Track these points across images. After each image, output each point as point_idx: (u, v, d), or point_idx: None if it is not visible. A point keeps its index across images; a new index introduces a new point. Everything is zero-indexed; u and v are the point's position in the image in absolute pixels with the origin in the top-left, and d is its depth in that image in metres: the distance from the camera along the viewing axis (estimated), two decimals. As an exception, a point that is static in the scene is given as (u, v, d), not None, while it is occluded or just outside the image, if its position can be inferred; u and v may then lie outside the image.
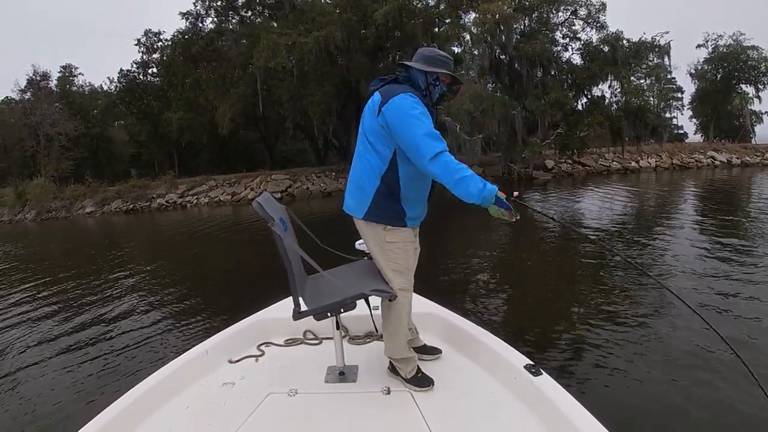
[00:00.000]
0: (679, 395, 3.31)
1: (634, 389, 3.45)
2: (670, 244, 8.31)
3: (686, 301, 2.16)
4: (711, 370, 3.62)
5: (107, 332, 5.71)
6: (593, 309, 5.18)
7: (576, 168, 26.75)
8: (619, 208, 14.01)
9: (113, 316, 6.35)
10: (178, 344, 5.00)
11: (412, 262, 2.28)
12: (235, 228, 15.58)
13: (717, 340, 3.95)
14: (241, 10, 28.86)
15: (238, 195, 24.68)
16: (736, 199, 15.48)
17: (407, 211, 2.18)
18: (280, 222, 2.17)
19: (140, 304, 6.85)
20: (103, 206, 26.03)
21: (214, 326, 2.92)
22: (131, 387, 2.18)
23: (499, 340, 2.41)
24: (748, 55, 38.77)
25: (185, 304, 6.74)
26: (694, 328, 4.33)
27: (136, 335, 5.48)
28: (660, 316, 4.82)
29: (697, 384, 3.45)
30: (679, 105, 45.38)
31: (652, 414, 3.11)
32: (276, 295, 3.02)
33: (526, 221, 12.17)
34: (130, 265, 10.16)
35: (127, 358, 4.83)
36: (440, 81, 2.17)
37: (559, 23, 25.71)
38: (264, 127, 33.72)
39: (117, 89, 37.35)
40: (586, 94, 25.29)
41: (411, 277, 2.27)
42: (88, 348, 5.24)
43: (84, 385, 4.28)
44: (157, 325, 5.80)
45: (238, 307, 3.70)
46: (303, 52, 22.76)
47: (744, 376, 3.37)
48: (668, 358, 3.91)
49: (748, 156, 32.14)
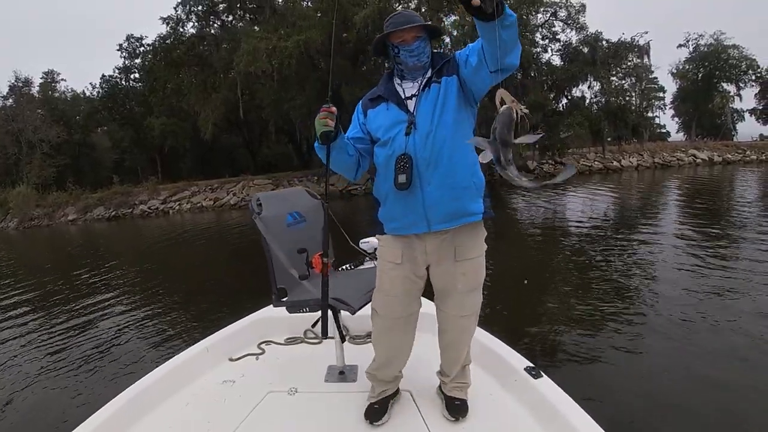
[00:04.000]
0: (680, 398, 3.29)
1: (634, 392, 3.43)
2: (651, 239, 8.46)
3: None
4: (712, 371, 3.61)
5: (108, 333, 5.66)
6: (593, 311, 5.12)
7: (558, 168, 26.89)
8: (601, 207, 14.10)
9: (114, 317, 6.32)
10: (178, 343, 4.97)
11: (387, 280, 1.91)
12: (234, 229, 15.50)
13: (717, 341, 4.03)
14: (222, 14, 28.75)
15: (221, 200, 24.56)
16: (714, 195, 15.72)
17: (381, 211, 1.91)
18: (290, 216, 2.33)
19: (140, 305, 6.80)
20: (86, 213, 25.75)
21: (214, 324, 2.93)
22: (131, 383, 2.18)
23: (499, 341, 2.41)
24: (729, 54, 39.36)
25: (185, 304, 6.72)
26: (695, 328, 4.34)
27: (136, 336, 5.45)
28: (661, 317, 4.77)
29: (698, 386, 3.44)
30: (661, 104, 45.86)
31: (652, 417, 3.10)
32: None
33: (525, 222, 12.33)
34: (124, 269, 10.04)
35: (127, 358, 4.79)
36: (394, 44, 1.83)
37: (539, 25, 25.90)
38: (247, 132, 33.61)
39: (99, 95, 37.22)
40: (567, 95, 25.48)
41: (386, 300, 1.92)
42: (89, 349, 5.18)
43: (85, 386, 4.24)
44: (158, 325, 5.78)
45: (238, 306, 3.68)
46: (284, 56, 22.75)
47: (745, 376, 3.44)
48: (669, 360, 3.88)
49: (729, 153, 32.57)
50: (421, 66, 1.84)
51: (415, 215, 1.78)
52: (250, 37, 24.06)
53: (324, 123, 1.69)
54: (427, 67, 1.86)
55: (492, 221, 1.93)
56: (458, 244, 1.84)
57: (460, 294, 1.88)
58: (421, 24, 1.80)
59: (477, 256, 1.88)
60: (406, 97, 1.85)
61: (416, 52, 1.80)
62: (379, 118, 1.87)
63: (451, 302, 1.90)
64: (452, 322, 1.93)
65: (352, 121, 1.96)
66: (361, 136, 1.92)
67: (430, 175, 1.75)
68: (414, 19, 1.81)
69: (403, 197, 1.78)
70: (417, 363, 2.18)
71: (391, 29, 1.79)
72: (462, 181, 1.79)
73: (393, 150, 1.79)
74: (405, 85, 1.88)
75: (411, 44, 1.79)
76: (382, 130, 1.85)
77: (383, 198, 1.88)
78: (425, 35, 1.83)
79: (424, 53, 1.83)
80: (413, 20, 1.80)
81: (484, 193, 1.88)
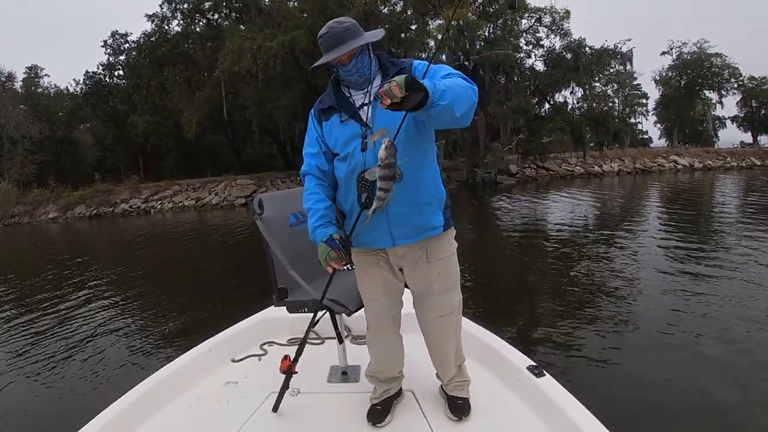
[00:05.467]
0: (682, 397, 3.30)
1: (637, 390, 3.42)
2: (632, 241, 8.70)
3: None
4: (713, 371, 3.62)
5: (108, 334, 5.59)
6: (596, 310, 5.14)
7: (540, 173, 27.16)
8: (582, 211, 14.30)
9: (114, 318, 6.25)
10: (180, 344, 4.90)
11: (366, 285, 1.95)
12: (230, 230, 15.34)
13: (719, 341, 4.08)
14: (208, 13, 28.62)
15: (202, 200, 24.41)
16: (692, 200, 16.08)
17: (347, 224, 1.88)
18: (293, 216, 2.36)
19: (141, 306, 6.74)
20: (67, 211, 25.44)
21: (217, 326, 2.92)
22: (134, 385, 2.18)
23: (502, 340, 2.40)
24: (712, 62, 40.03)
25: (186, 304, 6.66)
26: (696, 329, 4.36)
27: (136, 338, 5.39)
28: (663, 317, 4.78)
29: (699, 385, 3.44)
30: (644, 111, 46.64)
31: (655, 415, 3.09)
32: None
33: (525, 221, 12.47)
34: (118, 270, 9.83)
35: (130, 360, 4.74)
36: (336, 64, 1.74)
37: (523, 30, 26.16)
38: (231, 131, 33.49)
39: (83, 91, 36.71)
40: (549, 100, 25.72)
41: (369, 304, 1.98)
42: (90, 349, 5.12)
43: (88, 388, 4.20)
44: (158, 325, 5.74)
45: (240, 307, 3.67)
46: (268, 56, 22.71)
47: (745, 377, 3.48)
48: (671, 359, 3.88)
49: (710, 160, 33.14)
50: (364, 80, 1.74)
51: (381, 230, 1.77)
52: (235, 36, 23.97)
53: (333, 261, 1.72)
54: (374, 76, 1.77)
55: (478, 227, 1.95)
56: (428, 247, 1.83)
57: (437, 295, 1.87)
58: (352, 47, 1.66)
59: (449, 255, 1.88)
60: (358, 107, 1.75)
61: (354, 70, 1.72)
62: (334, 132, 1.78)
63: (428, 303, 1.90)
64: (433, 322, 1.93)
65: (308, 136, 1.88)
66: (324, 150, 1.85)
67: (395, 192, 1.65)
68: (345, 38, 1.66)
69: (357, 214, 1.76)
70: (419, 363, 2.18)
71: (324, 54, 1.69)
72: (425, 197, 1.75)
73: (352, 166, 1.73)
74: (355, 94, 1.78)
75: (347, 65, 1.70)
76: (339, 144, 1.77)
77: (348, 212, 1.85)
78: (362, 50, 1.72)
79: (364, 66, 1.73)
80: (344, 39, 1.66)
81: (445, 204, 1.83)
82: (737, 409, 3.10)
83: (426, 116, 1.48)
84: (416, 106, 1.40)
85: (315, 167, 1.85)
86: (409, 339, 2.09)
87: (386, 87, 1.35)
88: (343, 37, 1.66)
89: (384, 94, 1.35)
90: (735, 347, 3.95)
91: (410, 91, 1.35)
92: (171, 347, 4.92)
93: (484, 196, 18.12)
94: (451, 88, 1.46)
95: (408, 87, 1.34)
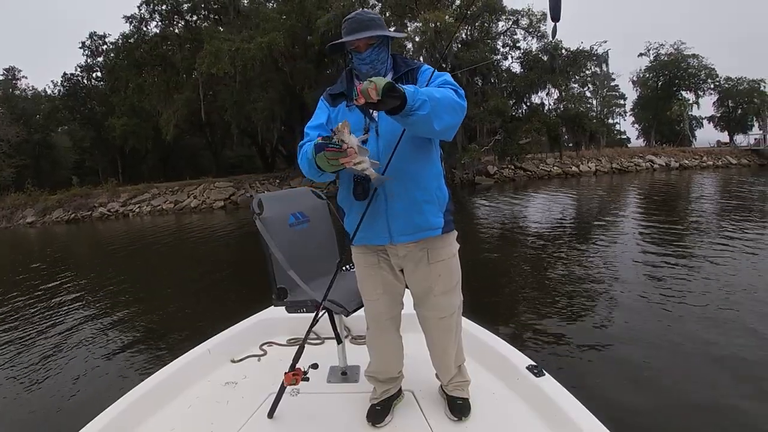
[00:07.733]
0: (683, 397, 3.31)
1: (637, 390, 3.44)
2: (610, 238, 9.01)
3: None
4: (714, 371, 3.64)
5: (108, 336, 5.60)
6: (596, 309, 5.19)
7: (518, 173, 27.46)
8: (559, 210, 14.54)
9: (115, 318, 6.27)
10: (180, 344, 4.86)
11: (366, 286, 1.95)
12: (229, 231, 15.38)
13: (719, 340, 4.12)
14: (186, 14, 28.48)
15: (181, 203, 24.25)
16: (668, 197, 16.62)
17: (346, 221, 1.90)
18: (292, 217, 2.34)
19: (139, 308, 6.71)
20: (45, 216, 25.10)
21: (216, 326, 2.94)
22: (134, 385, 2.18)
23: (502, 340, 2.40)
24: (689, 63, 40.69)
25: (185, 305, 6.67)
26: (696, 329, 4.39)
27: (136, 339, 5.39)
28: (662, 317, 4.83)
29: (700, 385, 3.46)
30: (622, 111, 47.23)
31: (655, 415, 3.09)
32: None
33: (525, 221, 12.62)
34: (108, 273, 9.76)
35: (129, 361, 4.75)
36: (349, 49, 1.76)
37: (500, 32, 26.39)
38: (210, 133, 33.32)
39: (60, 93, 36.22)
40: (526, 101, 25.99)
41: (369, 305, 1.98)
42: (91, 351, 5.13)
43: (88, 389, 4.20)
44: (157, 327, 5.74)
45: (240, 307, 3.69)
46: (246, 58, 22.69)
47: (745, 377, 3.49)
48: (671, 359, 3.90)
49: (686, 159, 33.71)
50: (375, 73, 1.72)
51: (379, 226, 1.76)
52: (213, 38, 23.91)
53: (334, 163, 1.52)
54: (386, 73, 1.76)
55: (472, 225, 1.97)
56: (430, 248, 1.82)
57: (437, 296, 1.86)
58: (372, 35, 1.68)
59: (450, 257, 1.87)
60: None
61: (368, 60, 1.72)
62: (340, 117, 1.77)
63: (429, 305, 1.90)
64: (433, 324, 1.93)
65: (315, 116, 1.85)
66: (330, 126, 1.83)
67: (394, 187, 1.69)
68: (367, 26, 1.69)
69: (358, 211, 1.76)
70: (419, 363, 2.18)
71: (344, 36, 1.71)
72: (426, 195, 1.75)
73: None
74: None
75: (362, 53, 1.71)
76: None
77: (347, 208, 1.85)
78: (380, 42, 1.73)
79: (379, 61, 1.74)
80: (366, 27, 1.69)
81: (447, 206, 1.83)
82: (737, 410, 3.08)
83: (402, 123, 1.49)
84: (392, 111, 1.41)
85: (317, 137, 1.75)
86: (409, 339, 2.09)
87: (365, 86, 1.35)
88: (366, 25, 1.69)
89: (360, 93, 1.36)
90: (735, 347, 3.96)
91: (386, 97, 1.36)
92: (170, 348, 4.93)
93: (463, 196, 18.26)
94: (435, 99, 1.46)
95: (384, 93, 1.35)
